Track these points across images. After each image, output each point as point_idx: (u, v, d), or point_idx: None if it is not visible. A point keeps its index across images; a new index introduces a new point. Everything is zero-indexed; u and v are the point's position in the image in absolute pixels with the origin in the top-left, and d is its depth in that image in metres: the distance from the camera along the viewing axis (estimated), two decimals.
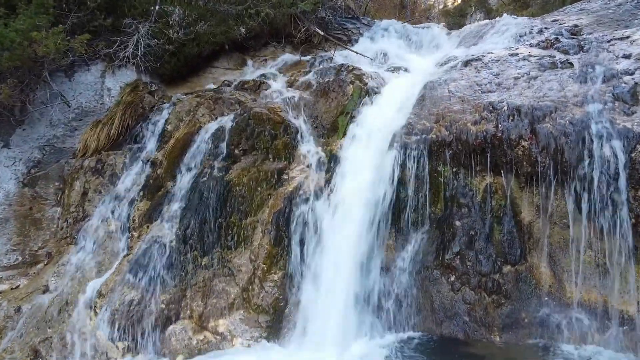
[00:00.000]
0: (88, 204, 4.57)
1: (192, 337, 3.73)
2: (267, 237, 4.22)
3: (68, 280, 3.99)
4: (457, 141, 4.45)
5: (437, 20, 17.99)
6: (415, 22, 16.41)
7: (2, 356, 3.52)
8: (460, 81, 5.17)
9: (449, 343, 4.02)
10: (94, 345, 3.56)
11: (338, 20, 8.75)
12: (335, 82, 5.65)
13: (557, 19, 7.57)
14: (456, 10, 18.91)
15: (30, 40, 4.06)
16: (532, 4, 15.30)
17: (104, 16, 5.13)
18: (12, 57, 4.07)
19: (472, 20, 16.15)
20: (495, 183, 4.36)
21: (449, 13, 19.04)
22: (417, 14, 19.91)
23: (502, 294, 4.13)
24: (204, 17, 5.97)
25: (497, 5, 17.07)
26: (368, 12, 15.23)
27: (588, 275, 3.98)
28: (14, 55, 4.05)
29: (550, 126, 4.14)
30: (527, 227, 4.24)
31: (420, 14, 20.10)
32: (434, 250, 4.37)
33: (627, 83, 4.30)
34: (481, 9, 17.57)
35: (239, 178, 4.45)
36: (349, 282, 4.12)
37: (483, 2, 17.55)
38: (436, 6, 22.37)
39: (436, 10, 21.65)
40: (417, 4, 21.14)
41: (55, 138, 5.01)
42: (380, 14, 17.30)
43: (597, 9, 7.50)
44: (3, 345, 3.60)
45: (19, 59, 4.16)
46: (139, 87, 5.48)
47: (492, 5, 17.28)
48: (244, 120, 4.75)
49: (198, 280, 3.98)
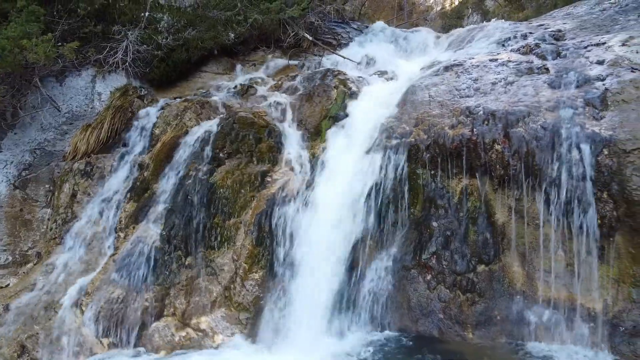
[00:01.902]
0: (77, 205, 4.72)
1: (174, 334, 3.87)
2: (249, 237, 4.36)
3: (55, 279, 4.13)
4: (435, 144, 4.60)
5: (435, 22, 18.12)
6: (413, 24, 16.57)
7: None
8: (440, 86, 5.30)
9: (424, 340, 4.16)
10: (80, 342, 3.70)
11: (328, 24, 8.89)
12: (320, 86, 5.80)
13: (543, 23, 7.69)
14: (453, 13, 19.00)
15: (20, 48, 4.21)
16: (527, 6, 15.44)
17: (94, 23, 5.28)
18: (3, 64, 4.22)
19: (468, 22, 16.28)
20: (471, 185, 4.50)
21: (446, 15, 19.14)
22: (415, 15, 20.01)
23: (476, 293, 4.27)
24: (194, 23, 6.11)
25: (493, 8, 17.18)
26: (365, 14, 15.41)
27: (558, 274, 4.11)
28: (5, 62, 4.20)
29: (522, 130, 4.29)
30: (500, 227, 4.38)
31: (418, 15, 20.19)
32: (412, 250, 4.51)
33: (598, 89, 4.44)
34: (477, 11, 17.66)
35: (223, 180, 4.60)
36: (328, 282, 4.25)
37: (479, 4, 17.65)
38: (434, 8, 22.47)
39: (434, 12, 21.74)
40: (415, 5, 21.25)
41: (46, 141, 5.16)
42: (378, 16, 17.44)
43: (582, 13, 7.63)
44: None
45: (9, 66, 4.32)
46: (129, 91, 5.62)
47: (488, 8, 17.38)
48: (228, 125, 4.89)
49: (182, 279, 4.13)
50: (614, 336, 3.82)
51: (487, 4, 17.67)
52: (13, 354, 3.59)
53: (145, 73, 5.79)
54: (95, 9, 5.23)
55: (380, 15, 17.83)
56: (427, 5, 22.64)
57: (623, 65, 4.69)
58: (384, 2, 19.52)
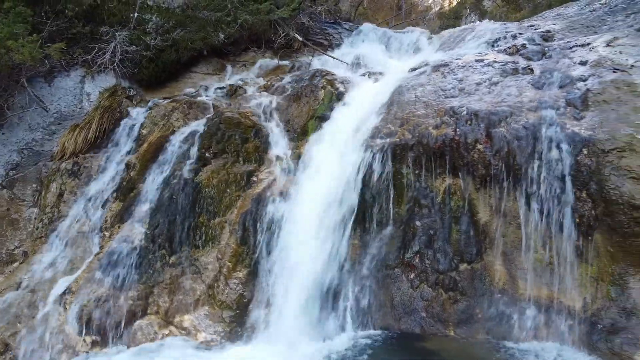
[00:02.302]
0: (63, 204, 4.76)
1: (157, 332, 3.90)
2: (234, 236, 4.40)
3: (40, 277, 4.17)
4: (419, 144, 4.64)
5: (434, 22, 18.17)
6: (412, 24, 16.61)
7: None
8: (426, 86, 5.34)
9: (406, 338, 4.19)
10: (63, 340, 3.74)
11: (320, 25, 8.94)
12: (308, 87, 5.84)
13: (534, 24, 7.74)
14: (451, 13, 19.05)
15: (6, 49, 4.24)
16: (524, 6, 15.48)
17: (82, 24, 5.32)
18: None
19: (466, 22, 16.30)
20: (454, 185, 4.55)
21: (444, 15, 19.19)
22: (414, 15, 20.06)
23: (458, 291, 4.31)
24: (183, 23, 6.15)
25: (491, 8, 17.23)
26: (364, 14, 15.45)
27: (539, 272, 4.16)
28: None
29: (504, 130, 4.33)
30: (483, 226, 4.42)
31: (417, 15, 20.24)
32: (396, 249, 4.54)
33: (580, 89, 4.48)
34: (475, 12, 17.70)
35: (208, 180, 4.63)
36: (312, 280, 4.28)
37: (477, 4, 17.68)
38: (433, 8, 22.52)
39: (433, 12, 21.79)
40: (414, 6, 21.28)
41: (34, 141, 5.20)
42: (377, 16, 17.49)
43: (572, 14, 7.68)
44: None
45: None
46: (118, 92, 5.66)
47: (486, 8, 17.42)
48: (215, 125, 4.93)
49: (165, 277, 4.16)
50: (592, 334, 3.86)
51: (485, 4, 17.71)
52: None
53: (134, 73, 5.83)
54: (84, 10, 5.26)
55: (380, 16, 17.88)
56: (426, 6, 22.69)
57: (605, 65, 4.73)
58: (383, 2, 19.57)
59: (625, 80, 4.38)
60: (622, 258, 3.90)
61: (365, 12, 16.40)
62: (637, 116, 3.99)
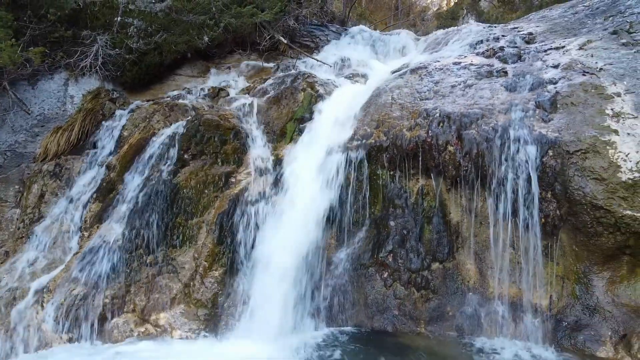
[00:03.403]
0: (44, 205, 4.85)
1: (133, 329, 3.99)
2: (210, 236, 4.49)
3: (19, 276, 4.26)
4: (394, 146, 4.73)
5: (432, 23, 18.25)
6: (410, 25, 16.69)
7: None
8: (404, 89, 5.42)
9: (378, 335, 4.29)
10: (40, 337, 3.83)
11: (307, 27, 9.04)
12: (289, 89, 5.93)
13: (518, 26, 7.83)
14: (448, 13, 19.12)
15: None
16: (519, 7, 15.59)
17: (64, 28, 5.41)
18: None
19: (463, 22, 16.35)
20: (427, 185, 4.65)
21: (441, 16, 19.26)
22: (412, 16, 20.12)
23: (430, 290, 4.41)
24: (167, 27, 6.24)
25: (488, 9, 17.31)
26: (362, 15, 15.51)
27: (508, 271, 4.26)
28: None
29: (475, 132, 4.42)
30: (455, 226, 4.53)
31: (415, 16, 20.31)
32: (370, 248, 4.64)
33: (550, 92, 4.58)
34: (472, 12, 17.77)
35: (186, 181, 4.72)
36: (287, 279, 4.35)
37: (474, 5, 17.77)
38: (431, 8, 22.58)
39: (431, 12, 21.85)
40: (412, 6, 21.34)
41: (16, 143, 5.28)
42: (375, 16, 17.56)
43: (555, 16, 7.76)
44: None
45: None
46: (101, 94, 5.75)
47: (483, 9, 17.50)
48: (194, 127, 5.02)
49: (142, 276, 4.25)
50: (557, 331, 3.97)
51: (481, 4, 17.79)
52: None
53: (117, 76, 5.92)
54: (66, 14, 5.36)
55: (378, 16, 17.94)
56: (424, 6, 22.74)
57: (576, 68, 4.83)
58: (382, 3, 19.63)
59: (593, 83, 4.48)
60: (587, 257, 4.01)
61: (364, 13, 16.46)
62: (602, 118, 4.10)
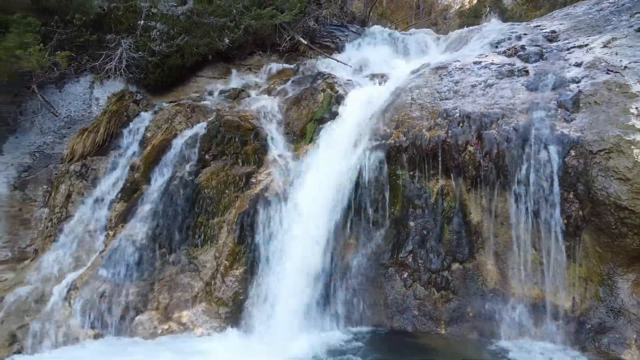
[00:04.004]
0: (71, 205, 4.99)
1: (157, 327, 4.08)
2: (231, 235, 4.55)
3: (47, 274, 4.39)
4: (413, 146, 4.73)
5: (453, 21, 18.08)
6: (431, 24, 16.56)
7: None
8: (423, 89, 5.41)
9: (398, 335, 4.30)
10: (67, 332, 3.95)
11: (327, 28, 9.06)
12: (308, 90, 5.97)
13: (540, 24, 7.72)
14: (471, 11, 18.90)
15: (16, 57, 4.49)
16: (543, 4, 15.33)
17: (90, 32, 5.55)
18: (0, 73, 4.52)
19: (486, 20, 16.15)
20: (447, 185, 4.63)
21: (464, 14, 19.05)
22: (434, 14, 19.93)
23: (450, 290, 4.39)
24: (188, 30, 6.34)
25: (511, 6, 17.08)
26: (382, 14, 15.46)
27: (530, 272, 4.22)
28: (1, 70, 4.48)
29: (495, 132, 4.39)
30: (475, 227, 4.49)
31: (437, 14, 20.12)
32: (390, 248, 4.64)
33: (572, 91, 4.52)
34: (495, 10, 17.55)
35: (208, 181, 4.80)
36: (307, 278, 4.40)
37: (497, 3, 17.54)
38: (453, 6, 22.31)
39: (453, 10, 21.60)
40: (434, 5, 21.13)
41: (45, 145, 5.45)
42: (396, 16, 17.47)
43: (579, 13, 7.64)
44: None
45: (6, 74, 4.61)
46: (125, 96, 5.88)
47: (506, 6, 17.27)
48: (215, 128, 5.10)
49: (165, 275, 4.34)
50: (580, 333, 3.91)
51: (505, 2, 17.56)
52: (4, 342, 3.86)
53: (141, 79, 6.05)
54: (91, 19, 5.50)
55: (399, 15, 17.83)
56: (446, 4, 22.48)
57: (600, 67, 4.75)
58: (403, 2, 19.48)
59: (617, 81, 4.40)
60: (611, 258, 3.94)
61: (384, 12, 16.37)
62: (627, 117, 4.02)
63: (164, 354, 3.69)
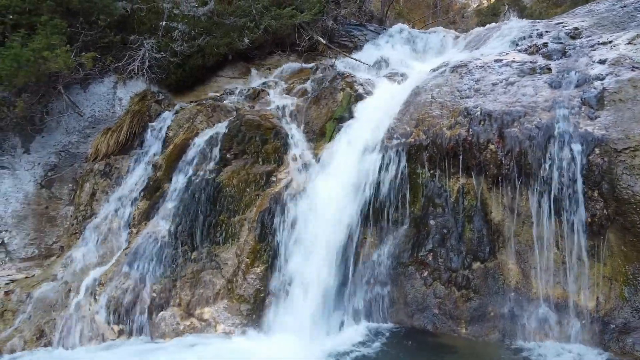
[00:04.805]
0: (96, 203, 5.10)
1: (179, 323, 4.15)
2: (252, 233, 4.60)
3: (73, 270, 4.50)
4: (433, 145, 4.71)
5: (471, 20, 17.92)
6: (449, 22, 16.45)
7: (13, 334, 4.07)
8: (443, 87, 5.39)
9: (418, 334, 4.29)
10: (93, 328, 4.04)
11: (345, 27, 9.07)
12: (328, 89, 5.99)
13: (562, 21, 7.61)
14: (489, 10, 18.71)
15: (43, 59, 4.60)
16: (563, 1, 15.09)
17: (114, 33, 5.66)
18: (28, 74, 4.64)
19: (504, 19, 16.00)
20: (468, 184, 4.60)
21: (482, 12, 18.87)
22: (451, 13, 19.79)
23: (471, 289, 4.36)
24: (209, 30, 6.42)
25: (530, 4, 16.87)
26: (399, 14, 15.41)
27: (553, 272, 4.17)
28: (30, 71, 4.62)
29: (517, 130, 4.35)
30: (496, 226, 4.46)
31: (455, 13, 19.97)
32: (410, 247, 4.63)
33: (596, 88, 4.46)
34: (514, 8, 17.36)
35: (229, 180, 4.86)
36: (327, 276, 4.43)
37: (516, 0, 17.34)
38: (471, 5, 22.12)
39: (471, 9, 21.41)
40: (451, 3, 20.97)
41: (70, 144, 5.59)
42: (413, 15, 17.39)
43: (602, 10, 7.51)
44: (15, 325, 4.16)
45: (34, 75, 4.73)
46: (147, 96, 5.99)
47: (525, 4, 17.06)
48: (236, 127, 5.16)
49: (187, 272, 4.41)
50: (604, 333, 3.85)
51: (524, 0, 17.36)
52: (32, 337, 3.98)
53: (163, 79, 6.15)
54: (115, 20, 5.61)
55: (416, 14, 17.74)
56: (464, 3, 22.29)
57: (624, 64, 4.68)
58: (419, 1, 19.38)
59: None
60: (637, 257, 3.87)
61: (402, 12, 16.30)
62: None
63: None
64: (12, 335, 4.06)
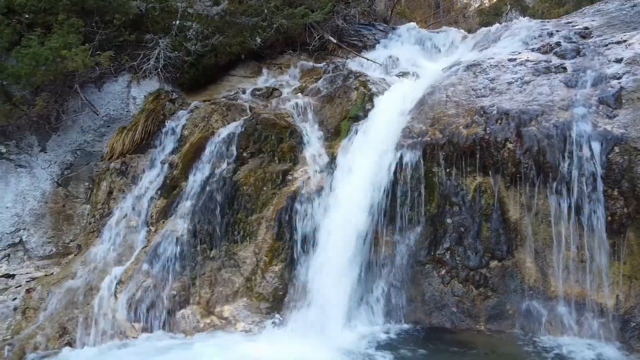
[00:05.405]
0: (113, 201, 5.12)
1: (200, 321, 4.17)
2: (270, 232, 4.62)
3: (93, 268, 4.52)
4: (450, 143, 4.73)
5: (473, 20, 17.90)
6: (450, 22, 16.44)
7: (35, 332, 4.10)
8: (458, 86, 5.40)
9: (436, 332, 4.32)
10: (114, 325, 4.06)
11: (355, 27, 9.07)
12: (341, 88, 6.00)
13: (571, 20, 7.60)
14: (491, 9, 18.68)
15: (61, 57, 4.62)
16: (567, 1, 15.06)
17: (128, 32, 5.68)
18: (47, 72, 4.66)
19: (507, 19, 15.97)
20: (485, 183, 4.61)
21: (483, 12, 18.83)
22: (453, 13, 19.76)
23: (489, 287, 4.39)
24: (222, 29, 6.43)
25: (533, 4, 16.85)
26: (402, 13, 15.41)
27: (571, 270, 4.19)
28: (48, 70, 4.64)
29: (535, 129, 4.37)
30: (514, 224, 4.48)
31: (456, 13, 19.94)
32: (427, 245, 4.65)
33: (614, 87, 4.47)
34: (516, 8, 17.32)
35: (246, 179, 4.87)
36: (345, 274, 4.45)
37: (518, 0, 17.32)
38: (472, 4, 22.09)
39: (472, 9, 21.37)
40: (453, 3, 20.95)
41: (85, 143, 5.61)
42: (415, 15, 17.38)
43: (612, 10, 7.50)
44: (37, 323, 4.20)
45: (52, 74, 4.75)
46: (161, 95, 6.00)
47: (527, 4, 17.04)
48: (251, 126, 5.17)
49: (206, 270, 4.43)
50: (624, 331, 3.88)
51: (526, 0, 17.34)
52: (55, 334, 4.00)
53: (176, 78, 6.15)
54: (130, 19, 5.62)
55: (417, 14, 17.72)
56: (465, 2, 22.25)
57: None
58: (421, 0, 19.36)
59: None
60: None
61: (403, 12, 16.30)
62: None
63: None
64: (35, 332, 4.08)
